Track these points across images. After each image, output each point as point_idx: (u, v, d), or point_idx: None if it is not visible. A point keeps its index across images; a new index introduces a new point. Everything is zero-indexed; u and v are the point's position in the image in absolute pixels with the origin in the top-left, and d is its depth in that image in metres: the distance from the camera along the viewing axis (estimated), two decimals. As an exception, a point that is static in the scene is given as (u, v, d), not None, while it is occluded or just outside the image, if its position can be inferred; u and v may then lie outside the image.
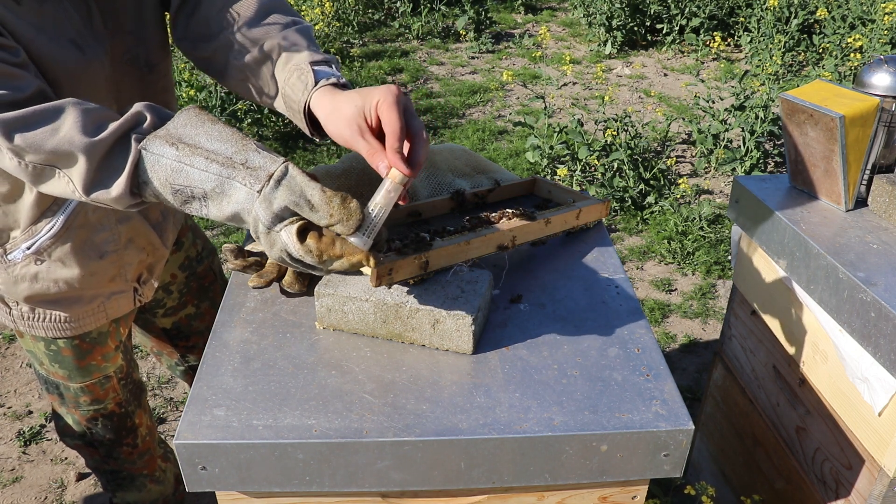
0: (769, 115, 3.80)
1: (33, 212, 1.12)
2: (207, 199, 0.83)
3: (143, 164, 0.84)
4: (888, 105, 1.32)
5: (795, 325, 1.41)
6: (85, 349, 1.30)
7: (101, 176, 0.85)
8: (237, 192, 0.82)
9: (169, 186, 0.83)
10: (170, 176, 0.83)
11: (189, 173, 0.82)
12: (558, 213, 1.26)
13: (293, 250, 0.81)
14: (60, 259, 1.17)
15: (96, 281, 1.23)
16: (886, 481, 1.20)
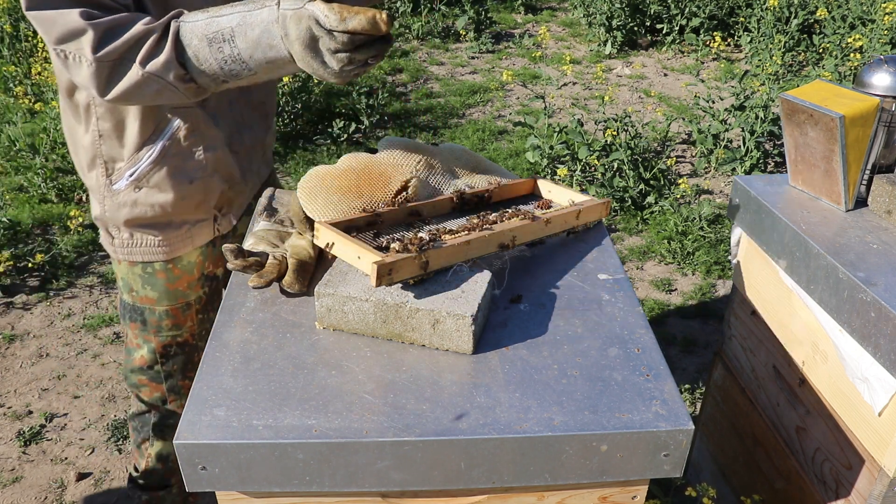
0: (769, 115, 3.80)
1: (137, 141, 1.27)
2: (235, 35, 1.01)
3: (182, 31, 1.04)
4: (888, 105, 1.32)
5: (795, 325, 1.41)
6: (176, 274, 1.43)
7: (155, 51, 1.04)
8: (258, 17, 0.99)
9: (205, 39, 1.02)
10: (203, 29, 1.02)
11: (218, 22, 1.02)
12: (558, 213, 1.26)
13: (321, 13, 0.95)
14: (157, 185, 1.32)
15: (185, 206, 1.36)
16: (886, 481, 1.20)
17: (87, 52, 1.04)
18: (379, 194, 1.21)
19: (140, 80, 1.06)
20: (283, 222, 1.28)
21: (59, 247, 3.15)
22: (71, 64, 1.07)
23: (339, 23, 0.95)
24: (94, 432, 2.26)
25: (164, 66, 1.04)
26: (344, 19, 0.95)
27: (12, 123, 3.98)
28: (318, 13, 0.95)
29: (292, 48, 0.99)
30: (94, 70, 1.05)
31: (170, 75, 1.05)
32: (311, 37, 0.97)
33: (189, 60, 1.04)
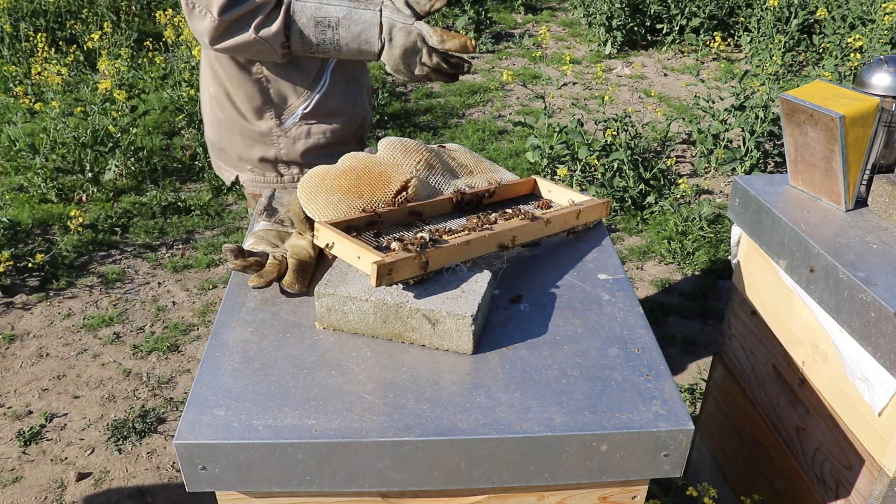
0: (769, 115, 3.80)
1: (310, 78, 1.44)
2: (339, 25, 1.25)
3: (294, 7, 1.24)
4: (888, 105, 1.32)
5: (795, 325, 1.41)
6: None
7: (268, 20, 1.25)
8: (362, 16, 1.24)
9: (312, 20, 1.25)
10: (314, 12, 1.24)
11: (327, 9, 1.24)
12: (558, 213, 1.26)
13: (426, 32, 1.24)
14: (328, 112, 1.48)
15: (345, 132, 1.53)
16: (886, 481, 1.20)
17: (214, 10, 1.23)
18: (379, 194, 1.21)
19: (250, 42, 1.27)
20: (283, 222, 1.28)
21: (59, 247, 3.14)
22: (195, 14, 1.25)
23: (439, 43, 1.24)
24: (94, 432, 2.26)
25: (274, 34, 1.26)
26: (444, 41, 1.23)
27: (12, 123, 3.98)
28: (424, 31, 1.24)
29: (391, 51, 1.26)
30: (215, 26, 1.24)
31: (276, 42, 1.27)
32: (414, 49, 1.26)
33: (293, 34, 1.27)
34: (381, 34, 1.25)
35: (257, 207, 1.33)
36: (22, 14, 5.36)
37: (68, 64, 4.83)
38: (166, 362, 2.57)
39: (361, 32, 1.25)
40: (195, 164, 3.90)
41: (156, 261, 3.16)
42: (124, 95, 3.76)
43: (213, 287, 3.00)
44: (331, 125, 1.50)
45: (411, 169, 1.27)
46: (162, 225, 3.41)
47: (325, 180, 1.20)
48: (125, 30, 5.61)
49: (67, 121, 3.65)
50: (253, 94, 1.43)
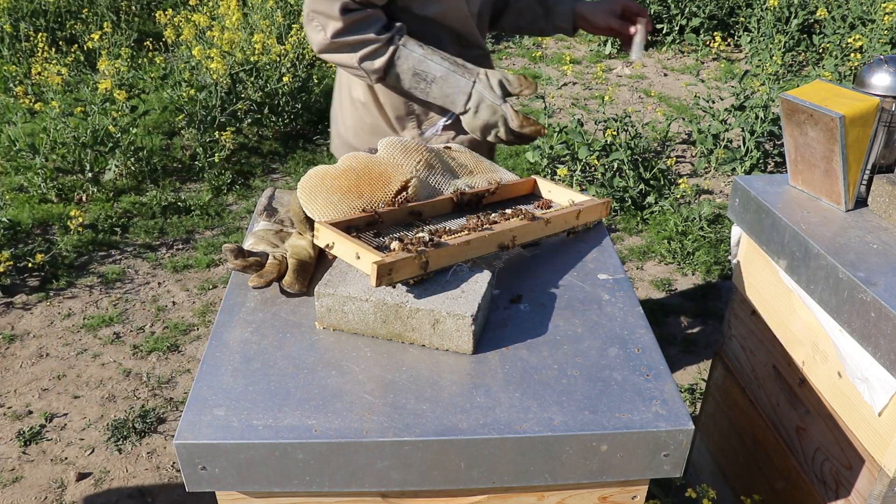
0: (769, 115, 3.80)
1: None
2: (434, 82, 1.36)
3: (399, 53, 1.35)
4: (888, 105, 1.32)
5: (795, 325, 1.41)
6: None
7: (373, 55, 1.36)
8: (458, 81, 1.36)
9: (412, 70, 1.36)
10: (416, 64, 1.35)
11: (429, 65, 1.35)
12: (558, 213, 1.26)
13: (510, 116, 1.36)
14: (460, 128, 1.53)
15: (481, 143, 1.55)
16: (886, 481, 1.20)
17: (328, 32, 1.33)
18: (379, 194, 1.21)
19: (351, 66, 1.38)
20: (283, 222, 1.28)
21: (59, 247, 3.15)
22: (312, 26, 1.34)
23: (518, 127, 1.37)
24: (94, 432, 2.26)
25: (374, 70, 1.37)
26: (522, 126, 1.36)
27: (12, 123, 3.98)
28: (508, 114, 1.36)
29: (473, 120, 1.39)
30: (327, 44, 1.35)
31: (372, 77, 1.39)
32: (492, 122, 1.38)
33: (391, 75, 1.38)
34: (467, 102, 1.37)
35: (258, 207, 1.33)
36: (22, 14, 5.36)
37: (68, 64, 4.83)
38: (166, 362, 2.57)
39: (451, 94, 1.37)
40: (195, 164, 3.90)
41: (156, 261, 3.16)
42: (124, 95, 3.76)
43: (213, 287, 3.00)
44: (468, 135, 1.55)
45: (411, 169, 1.27)
46: (162, 225, 3.41)
47: (325, 180, 1.20)
48: (125, 30, 5.61)
49: (67, 121, 3.65)
50: (398, 104, 1.50)
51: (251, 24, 4.95)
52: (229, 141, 3.91)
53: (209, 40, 4.43)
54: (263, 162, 4.07)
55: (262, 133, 4.32)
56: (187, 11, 5.11)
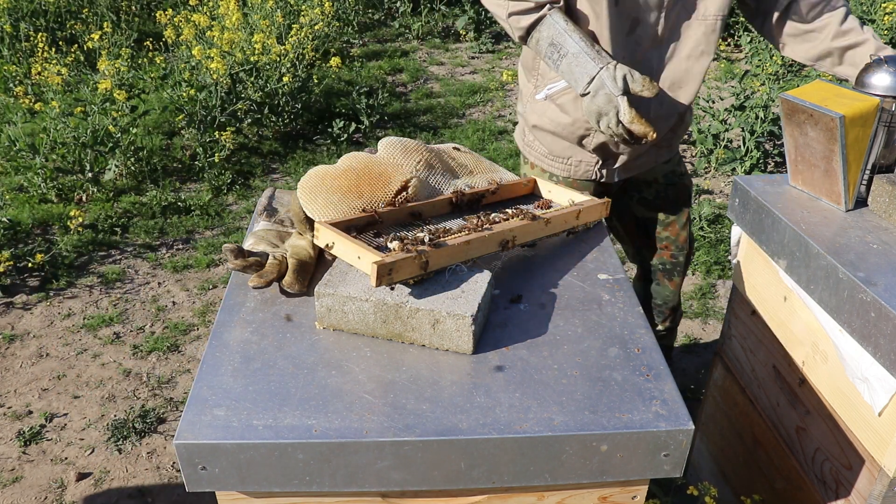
0: (769, 115, 3.79)
1: None
2: (565, 57, 1.43)
3: (544, 22, 1.45)
4: (888, 105, 1.32)
5: (795, 325, 1.41)
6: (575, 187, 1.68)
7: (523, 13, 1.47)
8: (586, 63, 1.41)
9: (550, 39, 1.44)
10: (556, 35, 1.43)
11: (566, 39, 1.42)
12: (558, 213, 1.26)
13: (623, 109, 1.38)
14: (561, 105, 1.62)
15: (568, 132, 1.65)
16: (886, 481, 1.20)
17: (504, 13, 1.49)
18: (379, 194, 1.21)
19: (501, 18, 1.50)
20: (283, 222, 1.28)
21: (59, 247, 3.15)
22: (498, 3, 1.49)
23: (628, 122, 1.38)
24: (94, 432, 2.26)
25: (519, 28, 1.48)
26: (632, 122, 1.38)
27: (12, 123, 3.98)
28: (621, 107, 1.38)
29: (589, 103, 1.42)
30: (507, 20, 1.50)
31: (517, 33, 1.50)
32: (605, 111, 1.40)
33: (531, 39, 1.49)
34: (588, 85, 1.41)
35: (257, 207, 1.33)
36: (22, 14, 5.36)
37: (68, 64, 4.83)
38: (166, 362, 2.57)
39: (576, 73, 1.42)
40: (195, 164, 3.90)
41: (156, 261, 3.16)
42: (124, 95, 3.76)
43: (213, 287, 3.00)
44: (563, 119, 1.63)
45: (411, 169, 1.27)
46: (162, 225, 3.41)
47: (325, 180, 1.20)
48: (125, 30, 5.61)
49: (67, 121, 3.65)
50: (530, 57, 1.65)
51: (251, 24, 4.95)
52: (229, 141, 3.91)
53: (209, 40, 4.43)
54: (263, 162, 4.07)
55: (262, 133, 4.32)
56: (187, 11, 5.11)
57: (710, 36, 1.55)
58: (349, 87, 4.94)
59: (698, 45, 1.56)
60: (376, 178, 1.23)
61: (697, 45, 1.56)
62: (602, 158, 1.69)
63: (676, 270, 1.95)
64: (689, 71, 1.58)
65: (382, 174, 1.24)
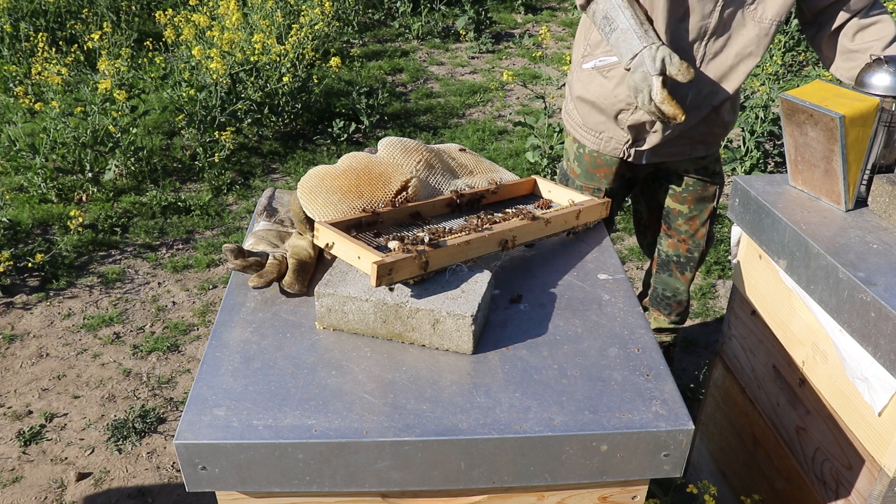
0: (769, 115, 3.80)
1: None
2: (615, 31, 1.50)
3: None
4: (888, 105, 1.32)
5: (795, 325, 1.41)
6: (597, 163, 1.82)
7: None
8: (632, 40, 1.48)
9: (605, 12, 1.53)
10: (610, 9, 1.51)
11: (619, 14, 1.50)
12: (558, 213, 1.26)
13: (656, 89, 1.44)
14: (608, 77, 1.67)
15: (608, 104, 1.69)
16: (886, 481, 1.20)
17: None
18: (379, 194, 1.21)
19: None
20: (283, 222, 1.28)
21: (59, 247, 3.15)
22: None
23: (660, 102, 1.45)
24: (94, 432, 2.26)
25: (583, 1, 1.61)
26: (663, 102, 1.44)
27: (12, 123, 3.98)
28: (654, 86, 1.44)
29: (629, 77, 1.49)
30: None
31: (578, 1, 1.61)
32: (640, 88, 1.47)
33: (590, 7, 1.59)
34: (631, 61, 1.49)
35: (257, 207, 1.33)
36: (22, 14, 5.36)
37: (68, 64, 4.84)
38: (166, 362, 2.57)
39: (622, 48, 1.50)
40: (195, 164, 3.90)
41: (156, 261, 3.16)
42: (124, 95, 3.76)
43: (213, 287, 3.00)
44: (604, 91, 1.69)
45: (411, 169, 1.27)
46: (162, 225, 3.41)
47: (324, 180, 1.20)
48: (125, 30, 5.61)
49: (67, 121, 3.65)
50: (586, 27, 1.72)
51: (251, 24, 4.95)
52: (229, 141, 3.91)
53: (209, 40, 4.43)
54: (263, 162, 4.07)
55: (262, 133, 4.32)
56: (187, 11, 5.11)
57: (762, 39, 1.57)
58: (349, 87, 4.94)
59: (748, 46, 1.57)
60: (376, 178, 1.23)
61: (747, 46, 1.58)
62: (633, 138, 1.72)
63: (690, 265, 1.98)
64: (733, 68, 1.60)
65: (382, 174, 1.24)
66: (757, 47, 1.57)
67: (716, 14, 1.54)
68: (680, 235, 1.94)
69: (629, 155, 1.76)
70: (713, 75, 1.61)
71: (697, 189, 1.86)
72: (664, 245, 2.00)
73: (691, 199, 1.88)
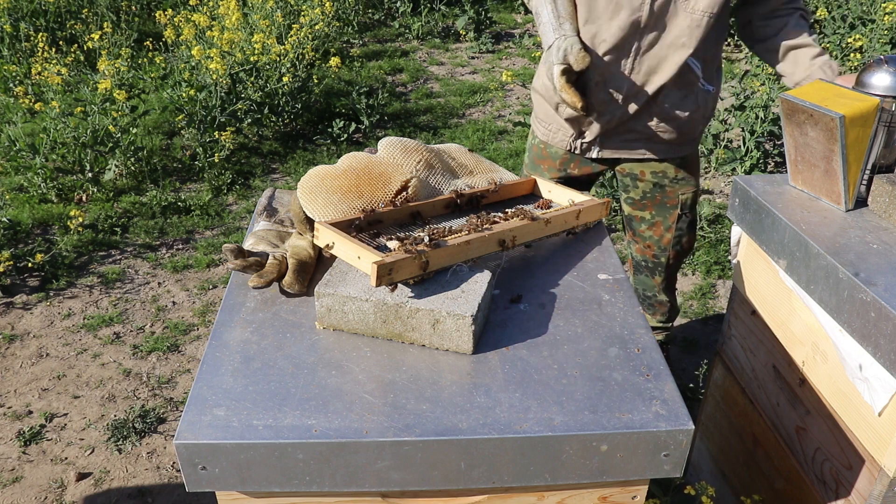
0: (769, 115, 3.80)
1: None
2: (540, 24, 1.62)
3: None
4: (888, 105, 1.32)
5: (795, 325, 1.41)
6: (542, 155, 1.89)
7: None
8: (548, 33, 1.59)
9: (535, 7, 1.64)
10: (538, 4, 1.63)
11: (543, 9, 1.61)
12: (558, 213, 1.26)
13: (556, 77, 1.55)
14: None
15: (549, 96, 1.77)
16: (886, 481, 1.20)
17: None
18: (379, 194, 1.21)
19: None
20: (283, 222, 1.28)
21: (59, 247, 3.15)
22: None
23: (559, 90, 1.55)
24: (94, 432, 2.26)
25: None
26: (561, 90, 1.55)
27: (12, 123, 3.98)
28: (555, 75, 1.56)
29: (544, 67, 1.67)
30: None
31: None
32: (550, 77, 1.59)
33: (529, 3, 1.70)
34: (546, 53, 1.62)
35: (257, 207, 1.33)
36: (22, 14, 5.36)
37: (68, 64, 4.83)
38: (166, 362, 2.57)
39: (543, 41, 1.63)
40: (195, 164, 3.90)
41: (156, 261, 3.16)
42: (124, 95, 3.76)
43: (213, 287, 3.00)
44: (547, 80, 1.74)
45: (411, 169, 1.27)
46: (162, 225, 3.41)
47: (325, 180, 1.20)
48: (125, 30, 5.61)
49: (67, 121, 3.65)
50: None
51: (251, 24, 4.95)
52: (229, 141, 3.91)
53: (209, 40, 4.43)
54: (263, 162, 4.07)
55: (262, 133, 4.32)
56: (187, 11, 5.11)
57: (694, 30, 1.58)
58: (349, 87, 4.94)
59: (680, 37, 1.60)
60: (376, 178, 1.23)
61: (680, 37, 1.60)
62: (576, 131, 1.78)
63: (659, 269, 2.01)
64: (666, 58, 1.62)
65: (382, 174, 1.24)
66: (689, 38, 1.59)
67: (646, 7, 1.57)
68: (645, 241, 1.97)
69: (575, 148, 1.80)
70: (647, 65, 1.64)
71: (656, 195, 1.87)
72: (633, 249, 2.03)
73: (651, 204, 1.90)
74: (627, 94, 1.68)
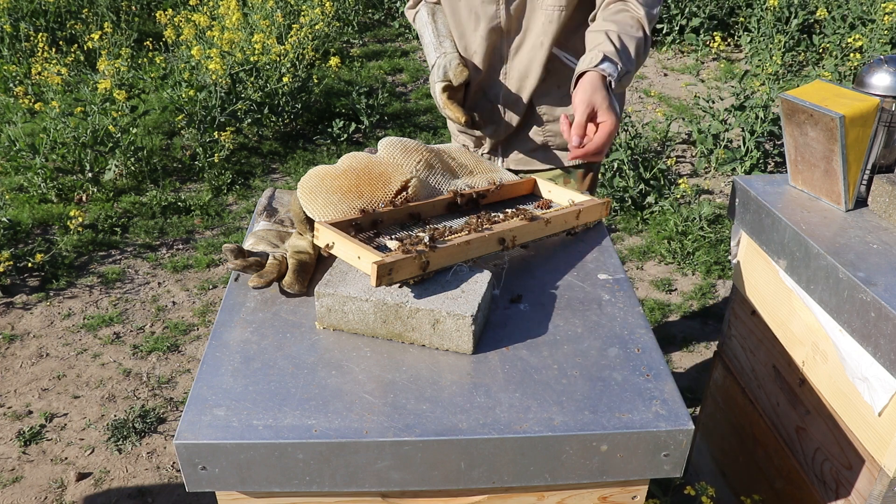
0: (769, 115, 3.80)
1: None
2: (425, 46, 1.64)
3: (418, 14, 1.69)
4: (888, 105, 1.32)
5: (795, 325, 1.41)
6: None
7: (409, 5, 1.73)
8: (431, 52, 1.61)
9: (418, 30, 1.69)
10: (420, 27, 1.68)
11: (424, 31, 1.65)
12: (558, 213, 1.26)
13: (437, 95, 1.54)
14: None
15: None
16: (886, 481, 1.20)
17: None
18: (379, 194, 1.21)
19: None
20: (283, 222, 1.28)
21: (59, 247, 3.15)
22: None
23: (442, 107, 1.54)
24: (94, 432, 2.26)
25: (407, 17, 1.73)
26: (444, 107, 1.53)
27: (12, 123, 3.98)
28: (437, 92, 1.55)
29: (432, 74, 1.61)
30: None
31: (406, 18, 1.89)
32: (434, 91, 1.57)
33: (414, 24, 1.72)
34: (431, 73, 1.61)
35: (257, 207, 1.33)
36: (22, 14, 5.36)
37: (68, 64, 4.84)
38: (166, 362, 2.57)
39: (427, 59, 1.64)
40: (195, 164, 3.90)
41: (156, 261, 3.16)
42: (124, 95, 3.76)
43: (213, 287, 3.00)
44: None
45: (411, 169, 1.27)
46: (162, 225, 3.41)
47: (324, 180, 1.20)
48: (125, 30, 5.61)
49: (67, 121, 3.65)
50: None
51: (251, 24, 4.95)
52: (229, 141, 3.91)
53: (209, 40, 4.43)
54: (263, 162, 4.07)
55: (262, 133, 4.32)
56: (187, 11, 5.11)
57: (547, 27, 1.50)
58: (349, 87, 4.94)
59: (539, 36, 1.53)
60: (376, 178, 1.23)
61: (538, 36, 1.53)
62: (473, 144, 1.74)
63: None
64: (533, 60, 1.56)
65: (382, 174, 1.24)
66: (545, 36, 1.52)
67: (501, 11, 1.52)
68: None
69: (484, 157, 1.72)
70: (517, 70, 1.60)
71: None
72: None
73: None
74: (506, 102, 1.63)
